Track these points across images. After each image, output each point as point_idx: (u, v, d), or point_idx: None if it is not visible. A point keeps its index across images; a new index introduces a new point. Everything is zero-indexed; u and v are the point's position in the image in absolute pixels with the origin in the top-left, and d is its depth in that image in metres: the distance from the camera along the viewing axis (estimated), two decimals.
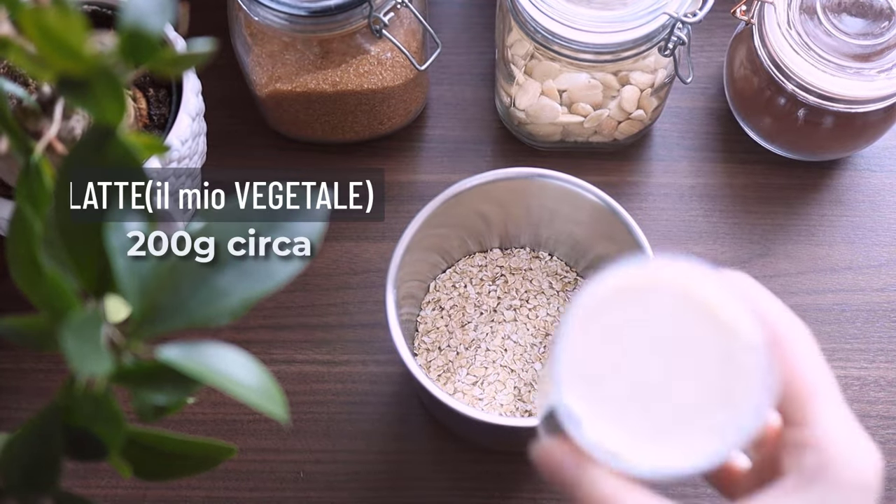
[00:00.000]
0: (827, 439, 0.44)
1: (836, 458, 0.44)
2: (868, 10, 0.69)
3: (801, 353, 0.46)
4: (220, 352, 0.38)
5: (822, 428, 0.45)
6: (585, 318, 0.45)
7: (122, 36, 0.35)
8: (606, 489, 0.44)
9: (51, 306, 0.39)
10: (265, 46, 0.71)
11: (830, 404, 0.45)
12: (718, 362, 0.44)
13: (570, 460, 0.45)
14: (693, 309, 0.45)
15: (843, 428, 0.45)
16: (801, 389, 0.45)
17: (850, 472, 0.44)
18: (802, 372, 0.45)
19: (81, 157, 0.37)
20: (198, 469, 0.45)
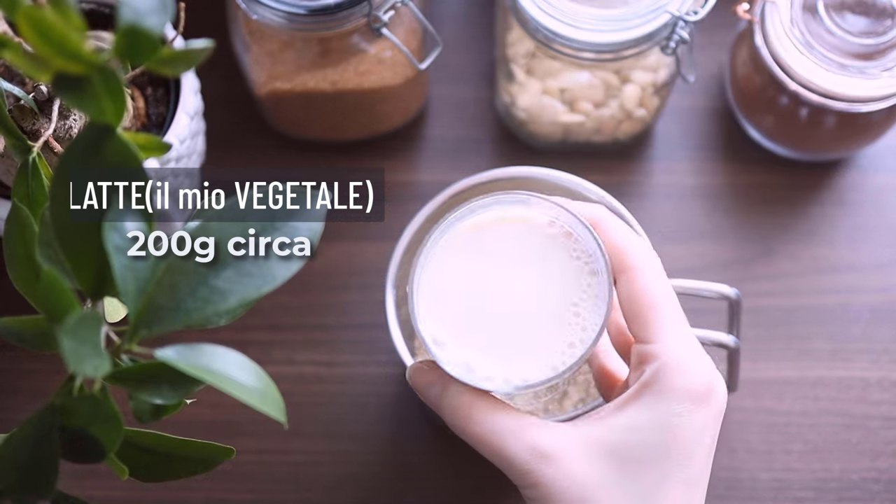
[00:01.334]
0: (664, 352, 0.49)
1: (669, 367, 0.49)
2: (871, 8, 0.69)
3: (646, 277, 0.50)
4: (218, 352, 0.37)
5: (660, 343, 0.49)
6: (440, 250, 0.52)
7: (120, 35, 0.35)
8: (463, 401, 0.50)
9: (48, 307, 0.38)
10: (264, 45, 0.70)
11: (670, 323, 0.50)
12: (565, 288, 0.51)
13: (433, 379, 0.51)
14: (539, 237, 0.52)
15: (679, 343, 0.49)
16: (645, 310, 0.50)
17: (681, 380, 0.48)
18: (647, 294, 0.50)
19: (79, 157, 0.37)
20: (196, 470, 0.45)
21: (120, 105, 0.37)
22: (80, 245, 0.38)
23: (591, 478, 0.47)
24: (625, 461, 0.48)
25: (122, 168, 0.38)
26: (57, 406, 0.39)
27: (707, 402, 0.49)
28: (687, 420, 0.48)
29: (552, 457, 0.48)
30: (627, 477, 0.47)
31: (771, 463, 0.71)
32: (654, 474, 0.47)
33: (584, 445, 0.48)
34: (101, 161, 0.37)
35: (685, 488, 0.48)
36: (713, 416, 0.49)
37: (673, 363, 0.49)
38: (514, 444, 0.48)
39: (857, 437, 0.72)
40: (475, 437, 0.49)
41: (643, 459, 0.48)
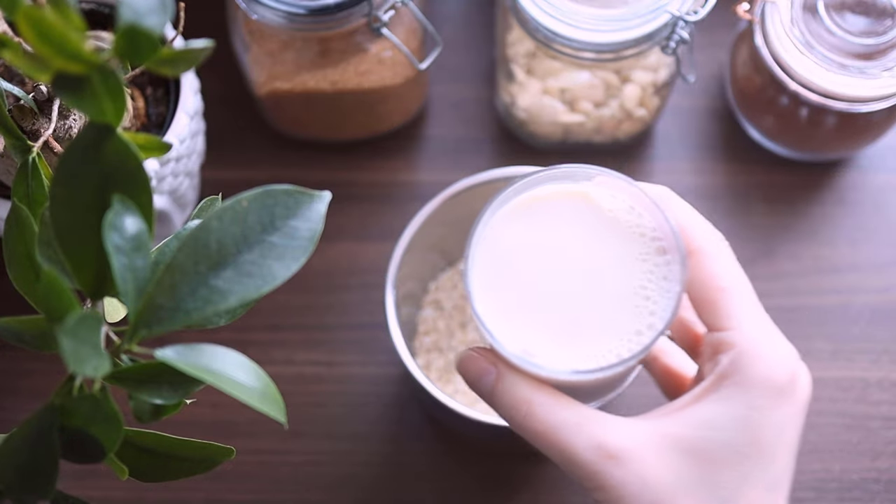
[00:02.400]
0: (741, 339, 0.45)
1: (748, 356, 0.44)
2: (871, 8, 0.69)
3: (717, 261, 0.46)
4: (218, 352, 0.37)
5: (736, 329, 0.45)
6: (497, 224, 0.48)
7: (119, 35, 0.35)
8: (521, 393, 0.45)
9: (48, 307, 0.38)
10: (264, 45, 0.70)
11: (746, 307, 0.45)
12: (630, 269, 0.46)
13: (487, 367, 0.46)
14: (602, 213, 0.47)
15: (758, 329, 0.45)
16: (716, 294, 0.46)
17: (762, 370, 0.44)
18: (717, 277, 0.46)
19: (78, 157, 0.37)
20: (196, 470, 0.45)
21: (120, 105, 0.37)
22: (80, 245, 0.38)
23: (666, 479, 0.43)
24: (702, 461, 0.44)
25: (121, 168, 0.38)
26: (57, 406, 0.39)
27: (791, 394, 0.44)
28: (769, 415, 0.44)
29: (621, 457, 0.44)
30: (704, 478, 0.44)
31: None
32: (733, 475, 0.44)
33: (656, 443, 0.44)
34: (100, 161, 0.37)
35: (766, 492, 0.44)
36: (797, 409, 0.45)
37: (752, 351, 0.44)
38: (579, 442, 0.44)
39: (858, 438, 0.72)
40: (534, 434, 0.45)
41: (722, 459, 0.44)
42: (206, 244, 0.37)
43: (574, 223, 0.48)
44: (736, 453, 0.44)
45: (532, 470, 0.71)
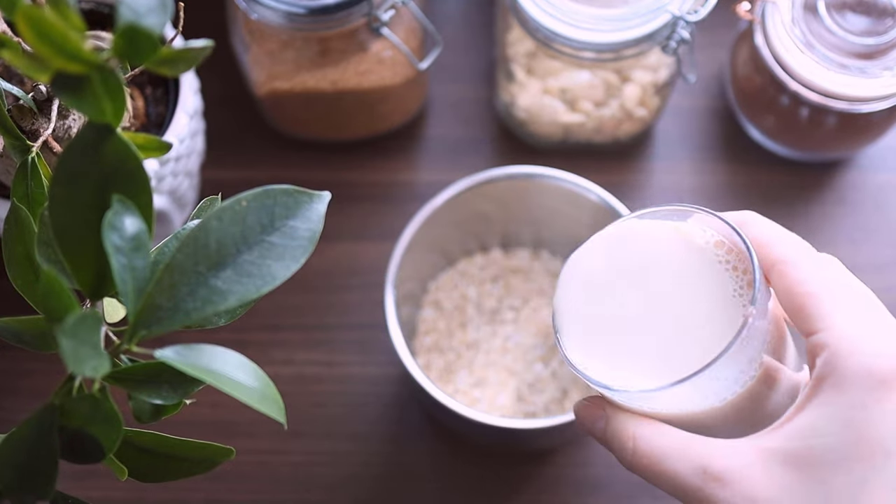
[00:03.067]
0: (832, 338, 0.43)
1: (841, 352, 0.42)
2: (871, 8, 0.69)
3: (800, 268, 0.45)
4: (217, 353, 0.37)
5: (827, 329, 0.43)
6: (579, 270, 0.48)
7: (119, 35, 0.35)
8: (627, 431, 0.45)
9: (48, 307, 0.38)
10: (264, 45, 0.70)
11: (838, 306, 0.43)
12: (715, 301, 0.46)
13: (598, 413, 0.46)
14: (685, 248, 0.47)
15: (851, 324, 0.43)
16: (804, 299, 0.44)
17: (857, 364, 0.42)
18: (803, 284, 0.44)
19: (78, 157, 0.37)
20: (196, 471, 0.45)
21: (119, 105, 0.37)
22: (80, 245, 0.38)
23: (774, 495, 0.42)
24: (810, 471, 0.42)
25: (121, 168, 0.37)
26: (56, 406, 0.39)
27: (894, 382, 0.41)
28: (873, 410, 0.41)
29: (726, 478, 0.42)
30: (815, 489, 0.41)
31: None
32: (846, 481, 0.41)
33: (760, 460, 0.42)
34: (100, 161, 0.37)
35: (889, 492, 0.41)
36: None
37: (844, 347, 0.42)
38: (683, 468, 0.43)
39: None
40: (643, 468, 0.44)
41: (830, 466, 0.41)
42: (206, 244, 0.37)
43: (664, 261, 0.47)
44: (844, 458, 0.41)
45: (532, 470, 0.71)
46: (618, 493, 0.71)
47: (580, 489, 0.71)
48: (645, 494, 0.71)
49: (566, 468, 0.71)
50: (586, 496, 0.71)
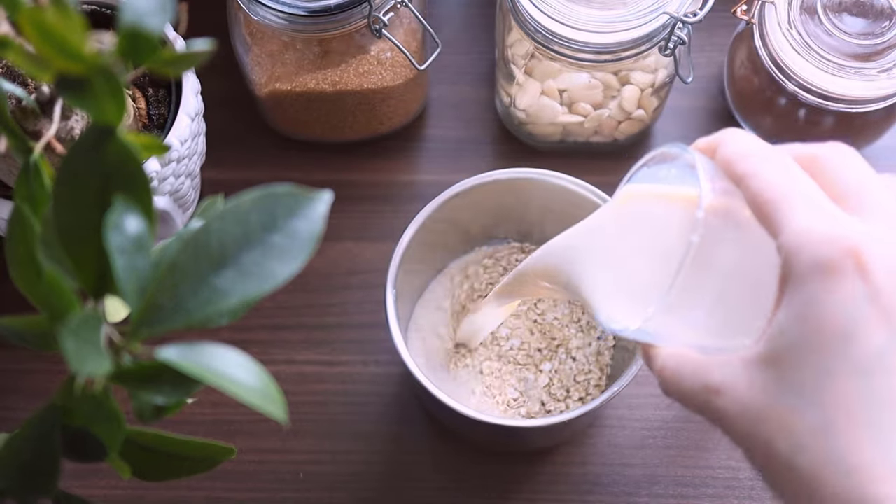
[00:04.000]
0: (786, 240, 0.43)
1: (794, 251, 0.42)
2: (869, 9, 0.69)
3: (760, 178, 0.44)
4: (219, 352, 0.38)
5: (783, 233, 0.43)
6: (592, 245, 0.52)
7: (121, 36, 0.35)
8: (655, 366, 0.48)
9: (50, 306, 0.38)
10: (265, 46, 0.70)
11: (793, 208, 0.43)
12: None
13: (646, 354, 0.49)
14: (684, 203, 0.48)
15: (804, 221, 0.42)
16: (765, 210, 0.44)
17: (805, 256, 0.42)
18: (762, 194, 0.44)
19: (80, 157, 0.37)
20: (197, 470, 0.45)
21: (120, 106, 0.37)
22: (82, 245, 0.38)
23: (757, 397, 0.43)
24: (781, 369, 0.43)
25: (122, 168, 0.38)
26: (58, 406, 0.40)
27: (842, 267, 0.40)
28: (825, 301, 0.41)
29: (721, 389, 0.45)
30: (787, 385, 0.42)
31: None
32: (811, 373, 0.41)
33: (745, 369, 0.44)
34: (102, 161, 0.37)
35: (855, 378, 0.40)
36: (865, 278, 0.40)
37: (794, 245, 0.42)
38: (692, 385, 0.46)
39: None
40: (671, 394, 0.47)
41: (796, 361, 0.42)
42: (208, 244, 0.37)
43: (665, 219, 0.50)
44: (806, 352, 0.42)
45: (531, 469, 0.72)
46: (616, 491, 0.71)
47: (579, 487, 0.71)
48: (643, 492, 0.71)
49: (565, 467, 0.72)
50: (585, 494, 0.71)
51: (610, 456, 0.72)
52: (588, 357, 0.70)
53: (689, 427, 0.72)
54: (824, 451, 0.41)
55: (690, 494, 0.71)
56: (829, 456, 0.41)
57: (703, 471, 0.71)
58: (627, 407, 0.73)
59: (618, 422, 0.73)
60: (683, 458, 0.72)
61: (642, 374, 0.60)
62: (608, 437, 0.72)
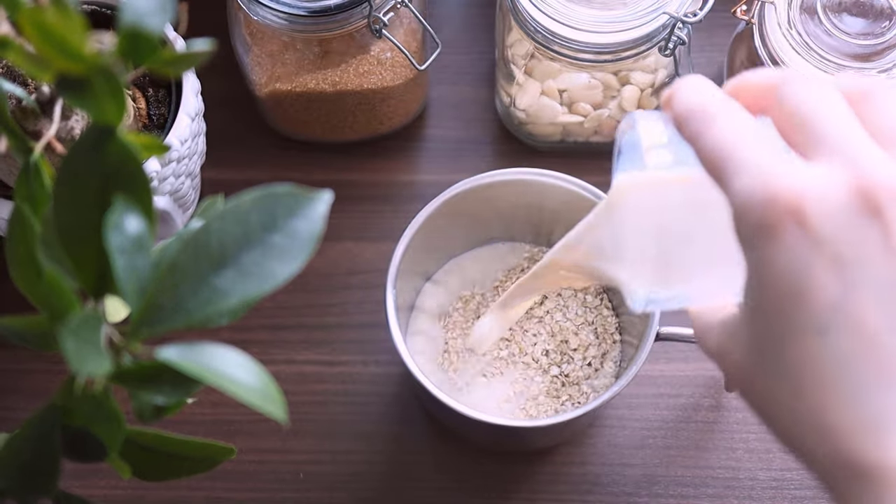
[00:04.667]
0: (732, 202, 0.40)
1: (736, 216, 0.40)
2: (869, 9, 0.69)
3: (707, 139, 0.41)
4: (219, 352, 0.38)
5: (730, 197, 0.40)
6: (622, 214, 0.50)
7: (122, 36, 0.35)
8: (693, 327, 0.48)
9: (50, 306, 0.38)
10: (265, 46, 0.71)
11: (737, 170, 0.40)
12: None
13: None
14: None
15: (742, 182, 0.39)
16: (715, 173, 0.41)
17: (740, 221, 0.39)
18: (711, 156, 0.41)
19: (80, 157, 0.37)
20: (197, 469, 0.45)
21: (120, 106, 0.37)
22: (82, 245, 0.38)
23: (739, 359, 0.43)
24: (752, 335, 0.41)
25: (122, 169, 0.38)
26: (58, 406, 0.40)
27: (782, 225, 0.38)
28: (770, 261, 0.38)
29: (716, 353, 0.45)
30: (759, 350, 0.41)
31: (769, 462, 0.71)
32: (773, 336, 0.40)
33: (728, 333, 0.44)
34: (102, 161, 0.38)
35: (813, 337, 0.38)
36: (806, 232, 0.37)
37: (738, 208, 0.39)
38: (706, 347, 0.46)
39: None
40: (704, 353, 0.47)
41: (760, 325, 0.41)
42: (208, 244, 0.37)
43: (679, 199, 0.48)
44: (767, 314, 0.40)
45: (532, 468, 0.72)
46: (616, 491, 0.71)
47: (579, 487, 0.71)
48: (643, 492, 0.71)
49: (565, 467, 0.72)
50: (585, 494, 0.71)
51: (610, 456, 0.72)
52: (588, 357, 0.70)
53: (689, 427, 0.72)
54: (800, 413, 0.39)
55: (690, 494, 0.71)
56: (805, 419, 0.39)
57: (703, 471, 0.71)
58: (627, 407, 0.73)
59: (618, 422, 0.73)
60: (683, 458, 0.72)
61: (642, 374, 0.60)
62: (608, 437, 0.72)
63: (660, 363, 0.73)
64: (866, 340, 0.37)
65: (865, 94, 0.41)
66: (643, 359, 0.62)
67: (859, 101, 0.41)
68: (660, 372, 0.73)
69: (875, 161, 0.38)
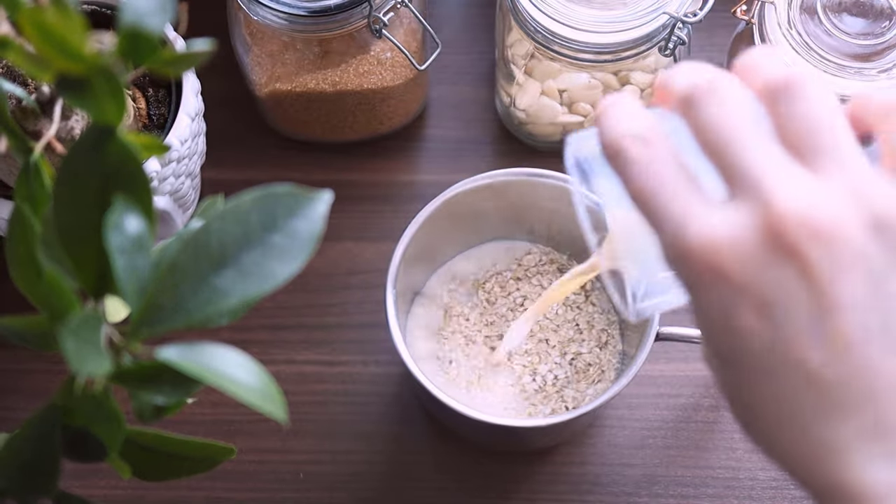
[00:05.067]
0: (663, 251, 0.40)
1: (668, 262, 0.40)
2: (869, 9, 0.69)
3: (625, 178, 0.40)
4: (219, 352, 0.38)
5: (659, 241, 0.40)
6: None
7: (122, 36, 0.35)
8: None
9: (50, 306, 0.38)
10: (265, 46, 0.71)
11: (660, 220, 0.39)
12: None
13: None
14: None
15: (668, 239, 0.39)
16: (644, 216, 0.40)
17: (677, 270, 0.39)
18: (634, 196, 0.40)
19: (80, 157, 0.37)
20: (197, 469, 0.46)
21: (120, 106, 0.37)
22: (82, 245, 0.38)
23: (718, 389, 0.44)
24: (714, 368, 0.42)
25: (122, 169, 0.38)
26: (58, 406, 0.40)
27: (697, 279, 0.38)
28: (700, 308, 0.39)
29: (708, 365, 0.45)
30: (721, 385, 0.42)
31: (769, 462, 0.71)
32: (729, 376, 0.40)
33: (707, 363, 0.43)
34: (102, 161, 0.38)
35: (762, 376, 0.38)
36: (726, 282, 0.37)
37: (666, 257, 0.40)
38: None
39: None
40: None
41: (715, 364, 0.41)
42: (208, 244, 0.38)
43: None
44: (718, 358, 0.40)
45: (531, 468, 0.72)
46: (616, 491, 0.71)
47: (579, 487, 0.71)
48: (643, 492, 0.71)
49: (565, 467, 0.72)
50: (585, 494, 0.71)
51: (610, 456, 0.72)
52: (588, 357, 0.70)
53: (689, 427, 0.72)
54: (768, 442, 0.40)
55: (690, 494, 0.71)
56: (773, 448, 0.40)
57: (703, 471, 0.71)
58: (627, 407, 0.73)
59: (618, 422, 0.73)
60: (683, 458, 0.72)
61: (642, 374, 0.60)
62: (608, 437, 0.72)
63: (660, 363, 0.73)
64: (806, 378, 0.37)
65: (783, 90, 0.39)
66: (643, 359, 0.62)
67: (777, 100, 0.39)
68: (660, 372, 0.73)
69: (786, 192, 0.37)
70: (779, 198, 0.37)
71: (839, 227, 0.36)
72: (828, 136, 0.38)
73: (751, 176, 0.37)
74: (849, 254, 0.36)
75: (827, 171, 0.38)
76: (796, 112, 0.38)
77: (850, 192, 0.37)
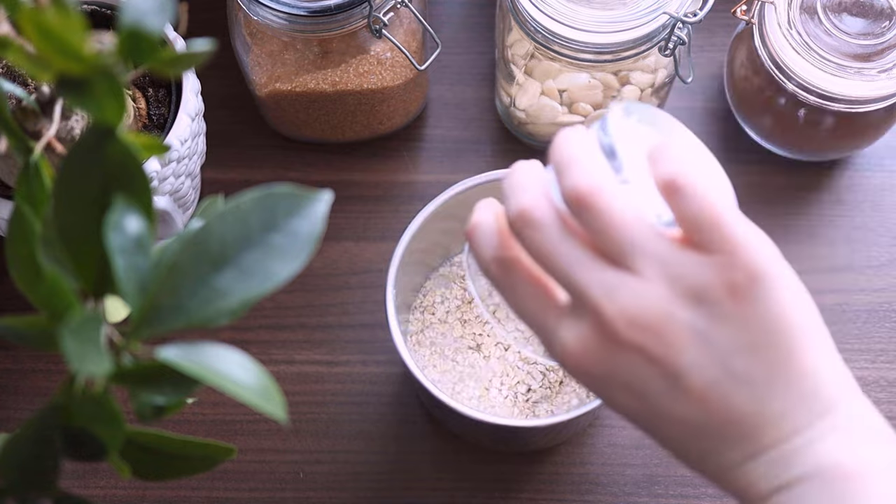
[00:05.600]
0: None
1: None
2: (869, 9, 0.69)
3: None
4: (219, 352, 0.38)
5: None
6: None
7: (122, 36, 0.35)
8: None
9: (50, 306, 0.38)
10: (265, 46, 0.71)
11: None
12: None
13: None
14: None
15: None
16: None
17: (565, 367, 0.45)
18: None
19: (80, 157, 0.37)
20: (197, 469, 0.45)
21: (120, 106, 0.37)
22: (83, 245, 0.38)
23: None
24: None
25: (122, 169, 0.38)
26: (59, 406, 0.40)
27: (572, 376, 0.47)
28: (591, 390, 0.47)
29: None
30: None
31: None
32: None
33: None
34: (102, 162, 0.38)
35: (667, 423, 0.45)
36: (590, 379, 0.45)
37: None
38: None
39: None
40: None
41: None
42: (208, 244, 0.37)
43: None
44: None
45: (531, 468, 0.72)
46: (616, 491, 0.71)
47: (579, 487, 0.71)
48: (643, 492, 0.71)
49: (565, 467, 0.72)
50: (584, 494, 0.71)
51: (610, 456, 0.72)
52: None
53: None
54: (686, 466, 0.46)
55: (690, 494, 0.71)
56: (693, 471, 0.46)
57: None
58: None
59: (618, 422, 0.73)
60: None
61: None
62: (608, 437, 0.72)
63: None
64: (683, 427, 0.44)
65: (581, 206, 0.43)
66: None
67: (580, 215, 0.44)
68: None
69: (610, 300, 0.43)
70: (604, 307, 0.43)
71: (661, 315, 0.42)
72: (628, 241, 0.43)
73: (580, 291, 0.43)
74: (677, 331, 0.42)
75: (638, 266, 0.43)
76: (596, 227, 0.43)
77: (664, 278, 0.42)
